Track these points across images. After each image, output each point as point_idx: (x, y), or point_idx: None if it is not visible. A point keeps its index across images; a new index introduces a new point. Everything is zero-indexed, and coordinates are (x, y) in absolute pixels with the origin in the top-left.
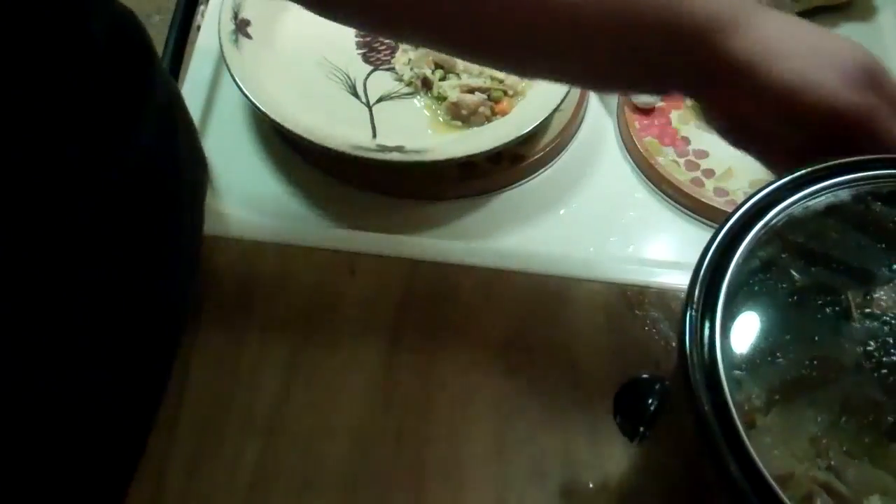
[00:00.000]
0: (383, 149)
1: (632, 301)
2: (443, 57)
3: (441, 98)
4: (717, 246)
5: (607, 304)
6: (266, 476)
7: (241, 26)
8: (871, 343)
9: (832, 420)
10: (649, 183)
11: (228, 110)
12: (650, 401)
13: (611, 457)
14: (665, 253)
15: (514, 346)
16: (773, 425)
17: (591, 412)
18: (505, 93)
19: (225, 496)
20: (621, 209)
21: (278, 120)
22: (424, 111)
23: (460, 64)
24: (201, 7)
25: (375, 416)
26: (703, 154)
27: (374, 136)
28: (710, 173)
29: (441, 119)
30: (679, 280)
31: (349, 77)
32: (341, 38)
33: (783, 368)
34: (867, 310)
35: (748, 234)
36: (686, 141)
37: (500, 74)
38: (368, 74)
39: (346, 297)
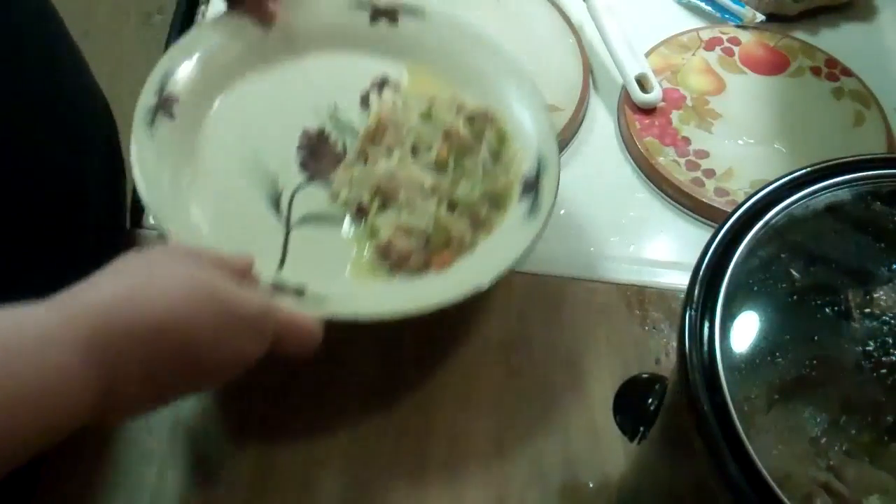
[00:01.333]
0: (280, 287)
1: (632, 301)
2: (390, 183)
3: (373, 233)
4: (717, 246)
5: (607, 304)
6: (265, 474)
7: (166, 103)
8: (871, 343)
9: (832, 420)
10: (650, 183)
11: None
12: (650, 400)
13: (611, 457)
14: (665, 253)
15: (514, 346)
16: (773, 425)
17: (591, 412)
18: (448, 243)
19: (227, 496)
20: (621, 209)
21: (163, 224)
22: (350, 245)
23: (404, 194)
24: (202, 7)
25: (376, 414)
26: (704, 154)
27: (282, 265)
28: (710, 173)
29: (365, 258)
30: (679, 280)
31: (277, 185)
32: (283, 135)
33: (783, 368)
34: (867, 310)
35: (748, 234)
36: (687, 141)
37: (454, 217)
38: (300, 185)
39: None
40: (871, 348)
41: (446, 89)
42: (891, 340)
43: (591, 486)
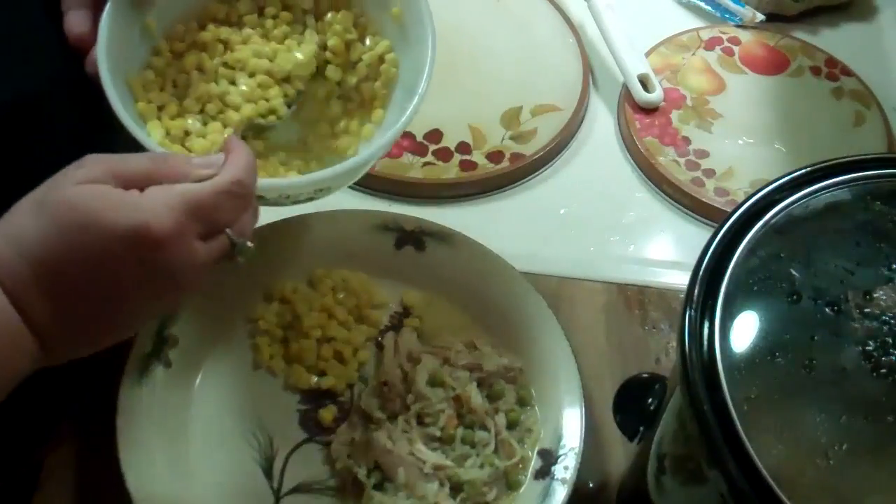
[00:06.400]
0: None
1: (632, 301)
2: (389, 460)
3: None
4: (717, 246)
5: (607, 304)
6: None
7: (164, 346)
8: (871, 343)
9: (832, 420)
10: (650, 183)
11: None
12: (650, 400)
13: (611, 457)
14: (665, 253)
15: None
16: (773, 425)
17: (591, 412)
18: None
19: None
20: (621, 209)
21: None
22: None
23: (403, 475)
24: None
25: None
26: (704, 154)
27: None
28: (710, 173)
29: None
30: (679, 280)
31: (272, 445)
32: (285, 401)
33: (783, 368)
34: (867, 310)
35: (748, 234)
36: (687, 141)
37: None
38: (298, 446)
39: None
40: (871, 348)
41: (468, 329)
42: (891, 340)
43: (591, 485)
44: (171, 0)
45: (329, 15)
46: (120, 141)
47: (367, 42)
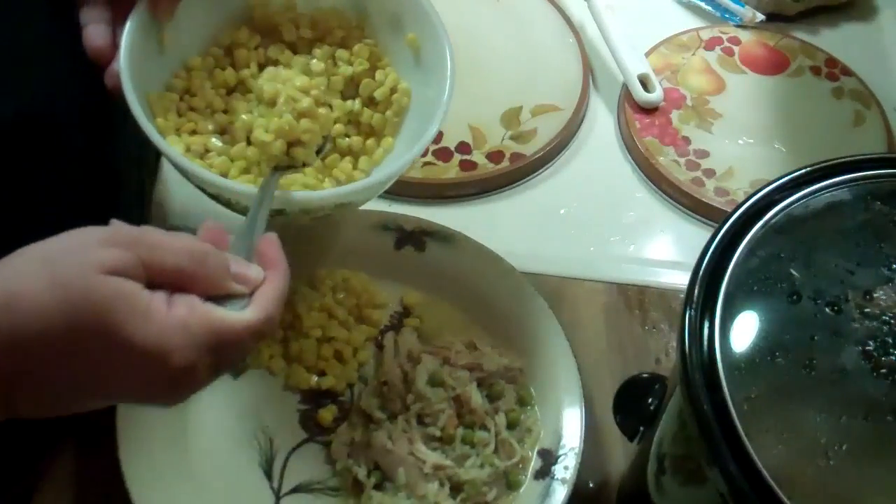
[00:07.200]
0: None
1: (632, 301)
2: (389, 460)
3: None
4: (717, 246)
5: (607, 304)
6: None
7: None
8: (871, 343)
9: (832, 420)
10: (650, 183)
11: None
12: (650, 400)
13: (611, 457)
14: (665, 253)
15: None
16: (773, 425)
17: (591, 412)
18: None
19: None
20: (621, 209)
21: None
22: None
23: (403, 475)
24: None
25: None
26: (704, 154)
27: None
28: (710, 173)
29: None
30: (679, 280)
31: (272, 445)
32: (285, 401)
33: (783, 368)
34: (867, 310)
35: (748, 234)
36: (687, 141)
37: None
38: (297, 446)
39: None
40: (871, 348)
41: (468, 329)
42: (891, 340)
43: (591, 485)
44: (194, 21)
45: (339, 52)
46: (122, 158)
47: (377, 76)
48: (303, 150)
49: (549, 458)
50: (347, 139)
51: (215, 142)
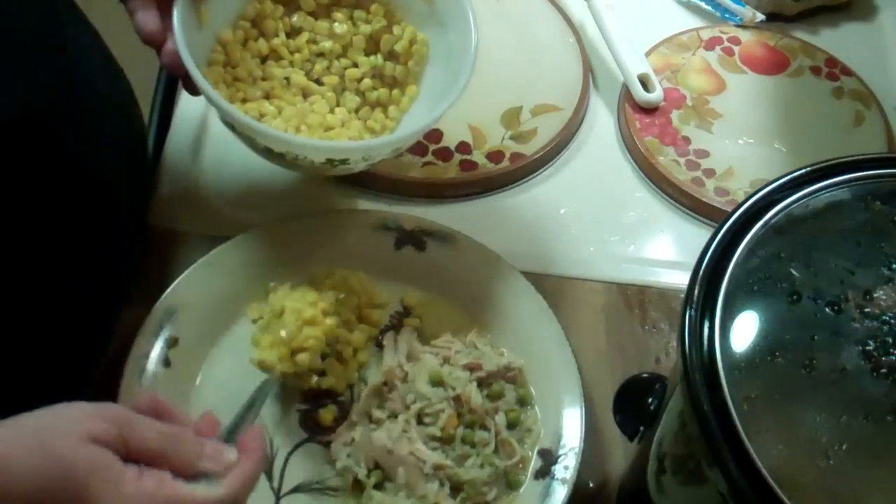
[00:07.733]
0: None
1: (632, 301)
2: (389, 460)
3: None
4: (717, 245)
5: (607, 304)
6: None
7: (164, 346)
8: (871, 343)
9: (832, 420)
10: (650, 182)
11: None
12: (650, 400)
13: (611, 457)
14: (665, 253)
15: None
16: (773, 425)
17: (591, 412)
18: None
19: None
20: (621, 209)
21: None
22: None
23: (403, 474)
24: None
25: None
26: (704, 154)
27: None
28: (710, 173)
29: None
30: (679, 280)
31: (272, 445)
32: (285, 401)
33: (783, 368)
34: (867, 310)
35: (748, 234)
36: (687, 140)
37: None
38: (297, 446)
39: None
40: (871, 348)
41: (468, 329)
42: (891, 340)
43: (591, 485)
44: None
45: (356, 13)
46: (111, 163)
47: (395, 31)
48: (307, 356)
49: (549, 458)
50: (375, 92)
51: (269, 106)
